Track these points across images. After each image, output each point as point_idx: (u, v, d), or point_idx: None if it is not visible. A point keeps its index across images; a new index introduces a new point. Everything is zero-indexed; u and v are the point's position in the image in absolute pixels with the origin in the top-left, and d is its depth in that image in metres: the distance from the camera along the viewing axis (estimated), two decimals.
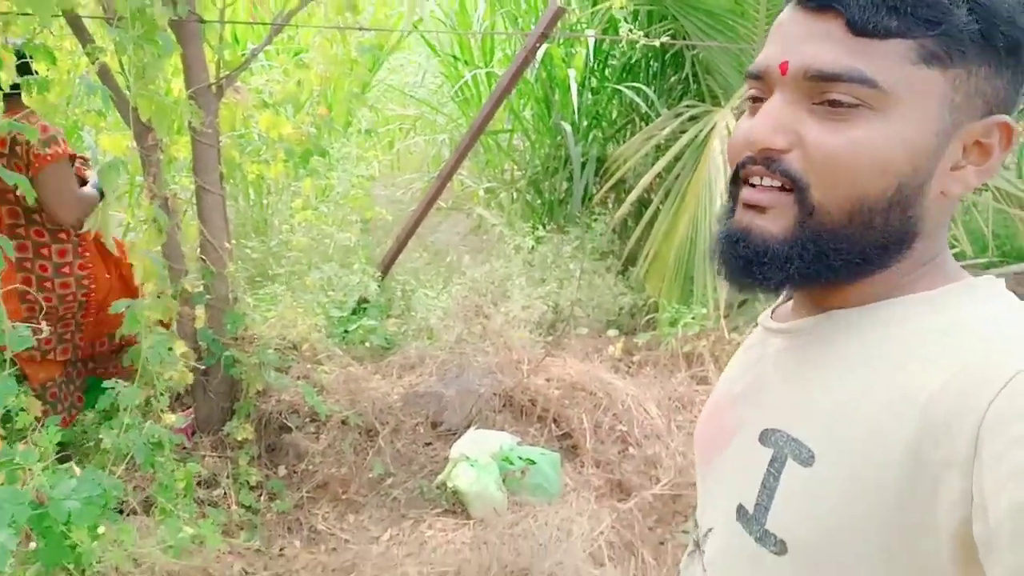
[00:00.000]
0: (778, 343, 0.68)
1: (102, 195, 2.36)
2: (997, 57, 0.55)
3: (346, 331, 3.21)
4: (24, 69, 2.11)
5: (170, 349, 2.25)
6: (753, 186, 0.60)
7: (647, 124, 4.33)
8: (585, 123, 4.46)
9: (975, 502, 0.49)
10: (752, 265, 0.60)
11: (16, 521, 1.34)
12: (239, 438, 2.61)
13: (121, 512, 2.20)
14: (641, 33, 2.86)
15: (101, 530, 1.59)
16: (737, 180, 0.63)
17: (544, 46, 3.86)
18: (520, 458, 2.59)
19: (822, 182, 0.57)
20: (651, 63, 4.53)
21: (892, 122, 0.55)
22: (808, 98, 0.57)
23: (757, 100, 0.61)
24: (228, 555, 2.19)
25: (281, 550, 2.38)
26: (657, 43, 3.06)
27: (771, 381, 0.67)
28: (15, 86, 2.08)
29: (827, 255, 0.58)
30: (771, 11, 3.80)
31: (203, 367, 2.63)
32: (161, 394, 2.10)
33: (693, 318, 3.44)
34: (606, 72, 4.56)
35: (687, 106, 4.11)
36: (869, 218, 0.57)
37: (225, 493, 2.53)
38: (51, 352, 2.44)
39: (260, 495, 2.58)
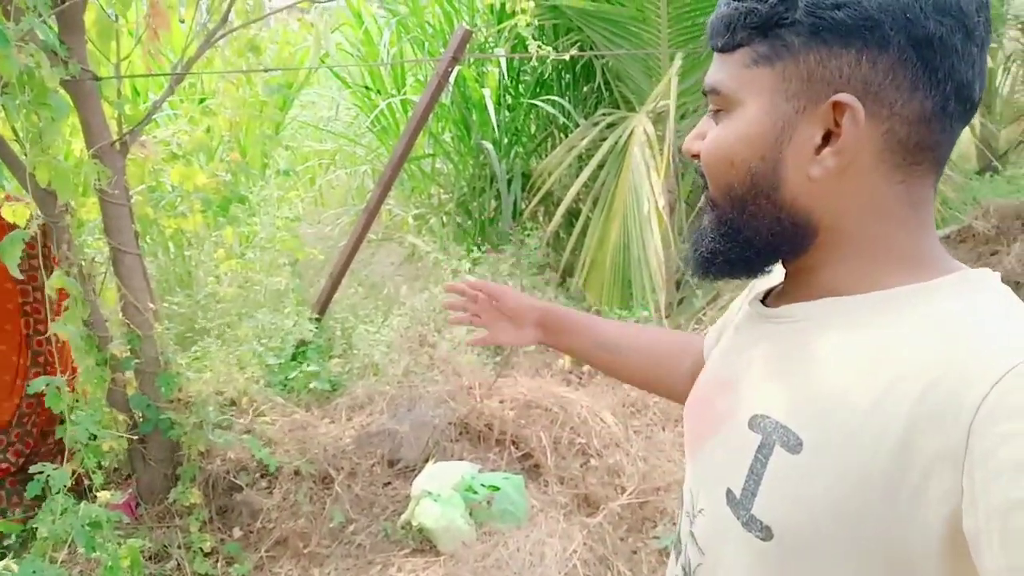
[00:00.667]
0: (769, 328, 0.69)
1: None
2: (827, 41, 0.57)
3: (287, 378, 3.10)
4: None
5: (99, 421, 2.13)
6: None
7: (566, 135, 4.37)
8: (506, 140, 4.46)
9: (965, 496, 0.49)
10: (697, 247, 0.69)
11: None
12: (186, 503, 2.49)
13: None
14: (550, 48, 2.88)
15: None
16: None
17: (456, 69, 3.85)
18: (483, 486, 2.54)
19: (708, 177, 0.66)
20: (563, 76, 4.58)
21: (736, 120, 0.62)
22: (712, 111, 0.66)
23: None
24: None
25: None
26: (567, 56, 3.08)
27: (762, 366, 0.67)
28: None
29: (737, 242, 0.65)
30: (672, 15, 3.89)
31: (139, 435, 2.50)
32: (94, 471, 1.97)
33: (636, 321, 3.46)
34: (520, 88, 4.59)
35: (603, 114, 4.17)
36: (743, 205, 0.63)
37: (178, 564, 2.41)
38: None
39: (216, 561, 2.45)
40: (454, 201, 4.55)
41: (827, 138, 0.59)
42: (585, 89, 4.57)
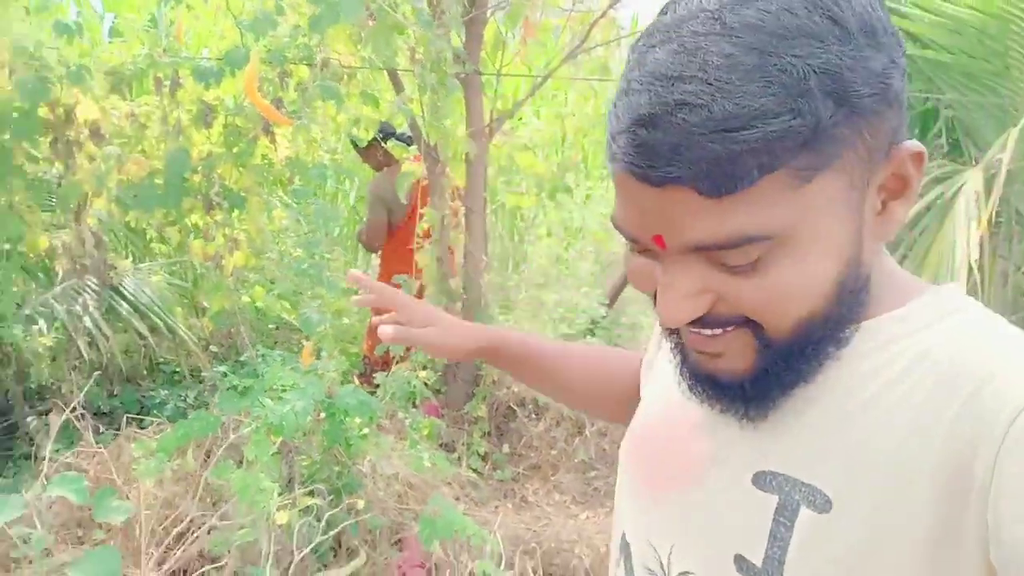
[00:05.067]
0: None
1: None
2: (874, 113, 0.49)
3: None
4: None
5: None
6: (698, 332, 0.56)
7: None
8: None
9: (990, 527, 0.47)
10: (742, 391, 0.57)
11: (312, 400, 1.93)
12: (475, 415, 3.15)
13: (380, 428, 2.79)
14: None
15: (366, 431, 2.16)
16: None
17: None
18: None
19: (768, 321, 0.53)
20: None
21: (802, 248, 0.50)
22: (704, 259, 0.51)
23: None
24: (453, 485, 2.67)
25: (496, 507, 2.83)
26: None
27: (753, 420, 0.59)
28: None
29: (796, 363, 0.55)
30: None
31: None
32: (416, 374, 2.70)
33: None
34: None
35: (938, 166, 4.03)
36: (822, 320, 0.54)
37: (460, 458, 3.06)
38: None
39: (486, 464, 3.07)
40: None
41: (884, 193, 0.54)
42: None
